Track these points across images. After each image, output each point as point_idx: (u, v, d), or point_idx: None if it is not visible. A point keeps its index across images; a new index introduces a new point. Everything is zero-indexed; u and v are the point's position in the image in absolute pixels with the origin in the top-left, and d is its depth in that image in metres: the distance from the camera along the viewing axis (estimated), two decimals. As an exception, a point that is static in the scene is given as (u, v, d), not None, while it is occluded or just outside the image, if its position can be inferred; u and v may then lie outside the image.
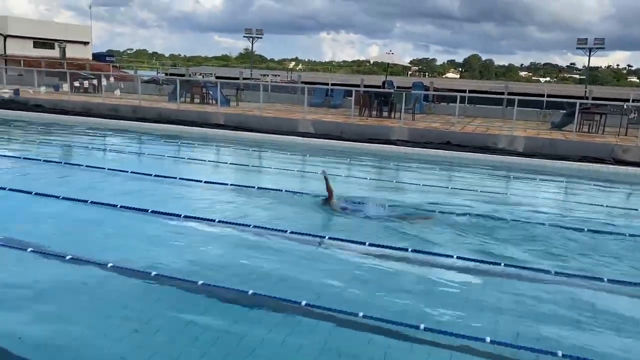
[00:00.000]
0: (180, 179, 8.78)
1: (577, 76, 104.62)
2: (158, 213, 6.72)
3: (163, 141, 13.40)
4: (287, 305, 4.36)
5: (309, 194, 7.93)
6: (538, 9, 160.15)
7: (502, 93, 21.59)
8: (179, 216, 6.62)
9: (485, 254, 5.81)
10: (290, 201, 7.77)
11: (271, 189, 8.13)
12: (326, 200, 7.32)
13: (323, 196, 7.41)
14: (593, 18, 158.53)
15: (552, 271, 5.39)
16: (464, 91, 20.14)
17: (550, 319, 4.48)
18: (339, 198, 7.39)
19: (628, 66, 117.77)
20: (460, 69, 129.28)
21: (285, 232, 6.16)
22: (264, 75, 37.99)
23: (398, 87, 20.79)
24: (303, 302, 4.35)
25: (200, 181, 8.66)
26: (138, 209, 6.82)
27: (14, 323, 4.03)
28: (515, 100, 14.59)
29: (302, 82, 25.59)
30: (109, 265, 4.95)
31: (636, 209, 8.66)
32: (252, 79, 30.80)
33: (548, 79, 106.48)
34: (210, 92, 18.81)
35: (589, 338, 4.24)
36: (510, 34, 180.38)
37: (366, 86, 22.67)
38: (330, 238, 6.05)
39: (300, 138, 13.77)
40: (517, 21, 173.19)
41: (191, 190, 8.26)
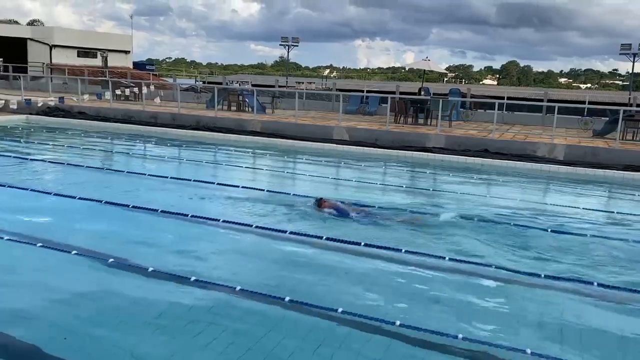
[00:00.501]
0: (218, 184, 8.93)
1: (620, 82, 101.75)
2: (197, 217, 6.85)
3: (201, 148, 13.64)
4: (323, 312, 4.36)
5: (344, 201, 7.94)
6: (579, 14, 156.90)
7: (542, 100, 21.18)
8: (218, 221, 6.73)
9: (524, 265, 5.68)
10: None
11: (307, 196, 8.16)
12: (319, 203, 7.43)
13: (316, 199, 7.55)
14: (637, 22, 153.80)
15: (595, 283, 5.23)
16: (502, 98, 19.86)
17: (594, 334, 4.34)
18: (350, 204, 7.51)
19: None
20: (497, 75, 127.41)
21: (321, 239, 6.18)
22: (299, 82, 38.27)
23: (434, 94, 20.63)
24: (339, 309, 4.35)
25: (237, 187, 8.78)
26: (178, 214, 6.96)
27: (57, 323, 4.16)
28: (555, 107, 14.30)
29: (337, 90, 25.66)
30: (150, 269, 5.06)
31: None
32: (287, 87, 31.06)
33: (589, 86, 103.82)
34: (246, 100, 19.06)
35: None
36: (549, 40, 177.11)
37: (401, 93, 22.56)
38: (366, 245, 6.03)
39: (335, 145, 13.82)
40: (557, 26, 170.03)
41: (229, 195, 8.37)
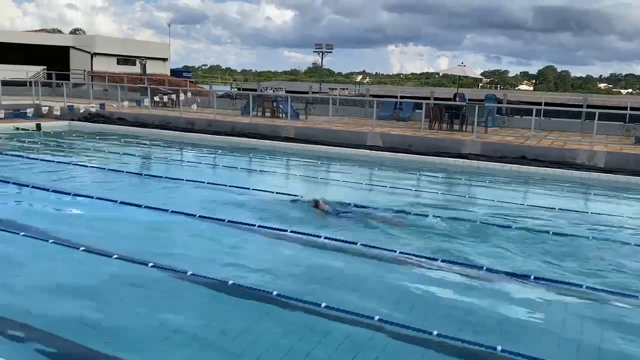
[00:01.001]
0: (253, 190, 9.03)
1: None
2: (233, 222, 6.94)
3: (236, 153, 13.82)
4: (360, 319, 4.36)
5: (377, 208, 7.94)
6: (618, 18, 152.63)
7: (581, 106, 20.65)
8: (254, 226, 6.81)
9: (563, 275, 5.56)
10: (360, 213, 7.78)
11: (344, 203, 8.16)
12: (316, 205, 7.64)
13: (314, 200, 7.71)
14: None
15: (638, 295, 5.09)
16: (540, 104, 19.44)
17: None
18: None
19: None
20: (533, 81, 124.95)
21: (355, 245, 6.19)
22: (332, 89, 38.37)
23: (470, 100, 20.38)
24: (376, 317, 4.34)
25: (272, 192, 8.86)
26: (215, 219, 7.08)
27: (99, 324, 4.27)
28: (595, 113, 13.93)
29: (370, 95, 25.61)
30: (189, 273, 5.16)
31: None
32: (321, 93, 31.18)
33: (630, 91, 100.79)
34: (280, 106, 19.22)
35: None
36: (587, 44, 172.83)
37: (435, 99, 22.37)
38: (402, 253, 6.00)
39: (368, 151, 13.80)
40: (595, 30, 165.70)
41: (263, 200, 8.46)
